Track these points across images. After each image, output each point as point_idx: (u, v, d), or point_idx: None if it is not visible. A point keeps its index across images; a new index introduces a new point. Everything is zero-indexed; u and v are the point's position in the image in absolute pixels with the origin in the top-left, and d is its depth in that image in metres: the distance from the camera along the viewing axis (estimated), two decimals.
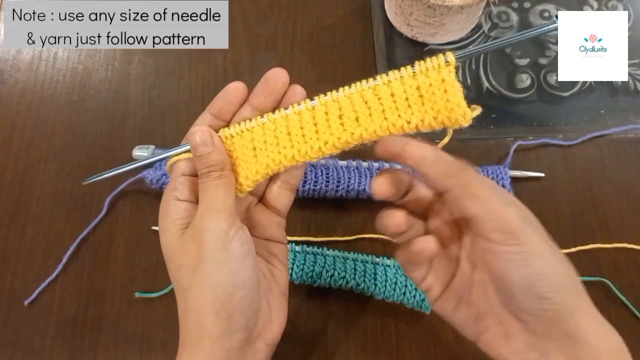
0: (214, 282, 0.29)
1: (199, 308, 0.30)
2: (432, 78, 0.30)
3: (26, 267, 0.51)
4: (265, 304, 0.33)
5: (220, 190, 0.31)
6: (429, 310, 0.47)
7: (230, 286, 0.29)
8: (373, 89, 0.31)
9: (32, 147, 0.56)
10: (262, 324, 0.32)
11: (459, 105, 0.29)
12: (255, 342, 0.32)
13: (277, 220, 0.36)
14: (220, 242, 0.29)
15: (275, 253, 0.35)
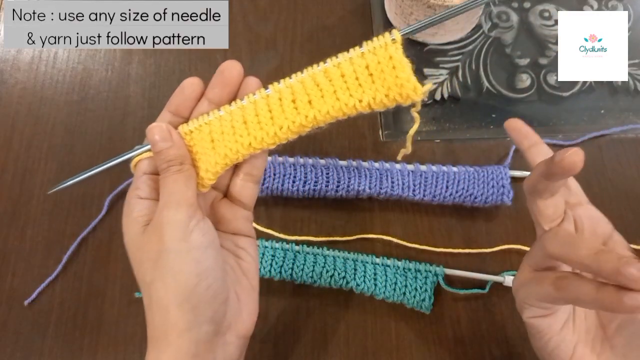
0: (176, 272, 0.29)
1: (163, 301, 0.29)
2: (380, 56, 0.31)
3: (26, 267, 0.51)
4: (233, 296, 0.32)
5: (179, 184, 0.31)
6: (429, 310, 0.47)
7: (193, 276, 0.29)
8: (324, 71, 0.32)
9: (32, 147, 0.56)
10: (232, 315, 0.32)
11: (409, 80, 0.30)
12: (225, 334, 0.31)
13: (243, 214, 0.36)
14: (180, 233, 0.29)
15: (242, 246, 0.35)
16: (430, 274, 0.47)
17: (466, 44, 0.60)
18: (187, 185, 0.31)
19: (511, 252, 0.50)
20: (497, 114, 0.56)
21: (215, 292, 0.30)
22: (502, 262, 0.49)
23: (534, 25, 0.61)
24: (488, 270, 0.48)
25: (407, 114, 0.57)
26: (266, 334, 0.47)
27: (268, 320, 0.48)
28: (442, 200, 0.50)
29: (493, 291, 0.48)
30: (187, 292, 0.29)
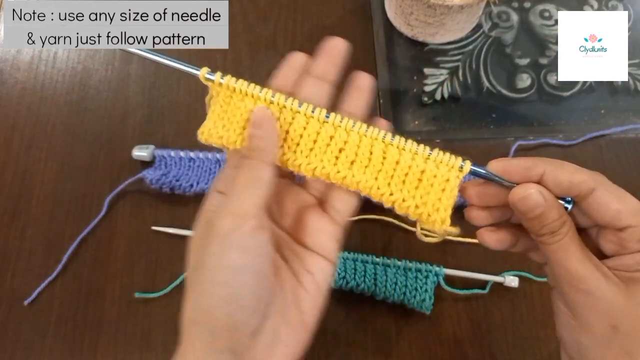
0: (202, 289, 0.26)
1: (187, 315, 0.27)
2: (440, 171, 0.29)
3: (26, 267, 0.51)
4: (269, 329, 0.27)
5: (245, 186, 0.27)
6: (429, 310, 0.47)
7: (216, 298, 0.25)
8: (386, 145, 0.29)
9: (32, 147, 0.56)
10: (260, 351, 0.26)
11: (445, 210, 0.29)
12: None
13: (329, 228, 0.30)
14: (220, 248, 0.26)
15: (310, 270, 0.29)
16: (431, 274, 0.47)
17: (466, 44, 0.60)
18: (248, 189, 0.27)
19: None
20: (497, 113, 0.56)
21: (241, 322, 0.26)
22: (503, 263, 0.49)
23: (534, 25, 0.61)
24: (488, 270, 0.48)
25: (408, 113, 0.57)
26: None
27: None
28: None
29: (493, 291, 0.48)
30: (207, 312, 0.26)
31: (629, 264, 0.27)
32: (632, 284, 0.26)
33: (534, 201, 0.27)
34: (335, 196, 0.31)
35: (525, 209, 0.27)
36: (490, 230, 0.31)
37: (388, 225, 0.51)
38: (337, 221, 0.31)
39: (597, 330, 0.26)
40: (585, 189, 0.27)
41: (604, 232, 0.28)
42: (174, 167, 0.52)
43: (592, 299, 0.26)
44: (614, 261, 0.27)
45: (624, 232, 0.27)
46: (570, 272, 0.27)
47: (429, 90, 0.57)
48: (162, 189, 0.51)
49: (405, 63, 0.59)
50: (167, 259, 0.51)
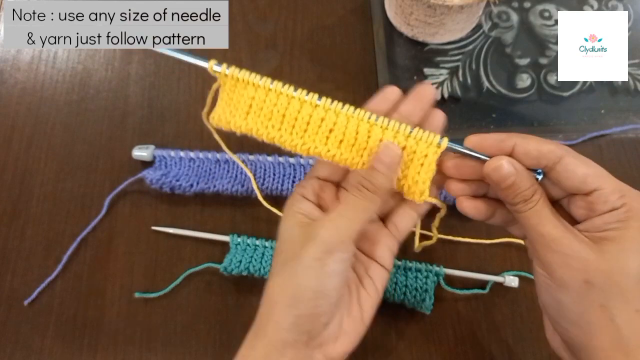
0: (298, 281, 0.31)
1: (275, 296, 0.32)
2: (419, 148, 0.32)
3: (26, 267, 0.51)
4: (337, 320, 0.32)
5: (358, 213, 0.32)
6: (429, 310, 0.47)
7: (310, 291, 0.31)
8: (370, 125, 0.32)
9: (32, 147, 0.56)
10: (327, 337, 0.32)
11: (424, 183, 0.32)
12: (314, 350, 0.32)
13: (389, 242, 0.36)
14: (321, 253, 0.31)
15: (371, 275, 0.35)
16: (431, 274, 0.47)
17: (466, 44, 0.60)
18: (362, 217, 0.32)
19: (511, 251, 0.50)
20: (497, 114, 0.56)
21: (321, 313, 0.31)
22: (503, 263, 0.49)
23: (534, 25, 0.61)
24: (488, 270, 0.48)
25: None
26: None
27: None
28: (442, 200, 0.50)
29: (493, 291, 0.48)
30: (298, 301, 0.31)
31: (598, 225, 0.29)
32: (602, 242, 0.28)
33: (506, 171, 0.29)
34: (398, 215, 0.36)
35: (498, 179, 0.30)
36: (468, 198, 0.34)
37: None
38: (395, 236, 0.36)
39: (572, 286, 0.28)
40: (553, 157, 0.30)
41: (573, 199, 0.31)
42: (174, 167, 0.52)
43: (565, 258, 0.28)
44: (585, 225, 0.30)
45: (591, 195, 0.29)
46: (543, 235, 0.29)
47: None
48: (162, 189, 0.51)
49: (405, 63, 0.59)
50: (167, 259, 0.51)
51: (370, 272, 0.35)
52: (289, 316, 0.31)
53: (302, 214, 0.33)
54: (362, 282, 0.34)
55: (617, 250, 0.28)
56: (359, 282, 0.34)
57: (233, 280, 0.49)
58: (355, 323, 0.33)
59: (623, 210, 0.28)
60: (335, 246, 0.31)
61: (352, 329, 0.33)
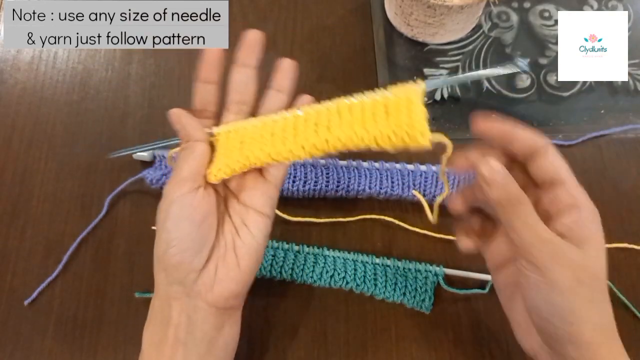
0: (156, 238, 0.34)
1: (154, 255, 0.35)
2: (400, 98, 0.33)
3: (26, 267, 0.51)
4: (211, 268, 0.35)
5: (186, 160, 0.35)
6: (429, 310, 0.47)
7: (163, 242, 0.33)
8: (349, 105, 0.34)
9: (32, 147, 0.56)
10: (202, 285, 0.34)
11: (420, 123, 0.31)
12: (194, 298, 0.34)
13: (264, 188, 0.37)
14: (165, 204, 0.34)
15: (247, 224, 0.36)
16: (430, 274, 0.47)
17: (466, 44, 0.60)
18: (187, 160, 0.35)
19: None
20: (497, 114, 0.56)
21: (180, 260, 0.33)
22: None
23: (534, 25, 0.61)
24: (488, 270, 0.48)
25: None
26: (266, 334, 0.47)
27: (268, 320, 0.48)
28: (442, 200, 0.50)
29: (493, 291, 0.48)
30: (157, 255, 0.34)
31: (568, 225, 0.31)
32: (577, 241, 0.30)
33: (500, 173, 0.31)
34: None
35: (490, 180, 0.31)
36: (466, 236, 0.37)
37: (388, 225, 0.51)
38: (272, 182, 0.36)
39: (564, 284, 0.30)
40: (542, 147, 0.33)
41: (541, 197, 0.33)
42: None
43: (557, 259, 0.30)
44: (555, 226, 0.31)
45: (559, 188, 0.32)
46: (540, 237, 0.30)
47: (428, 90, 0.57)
48: (162, 189, 0.51)
49: (405, 63, 0.59)
50: None
51: (246, 221, 0.36)
52: (160, 273, 0.34)
53: None
54: (238, 231, 0.36)
55: (594, 250, 0.30)
56: (235, 231, 0.36)
57: None
58: (230, 270, 0.35)
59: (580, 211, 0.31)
60: (170, 193, 0.34)
61: (227, 275, 0.35)
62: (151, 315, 0.36)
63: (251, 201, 0.36)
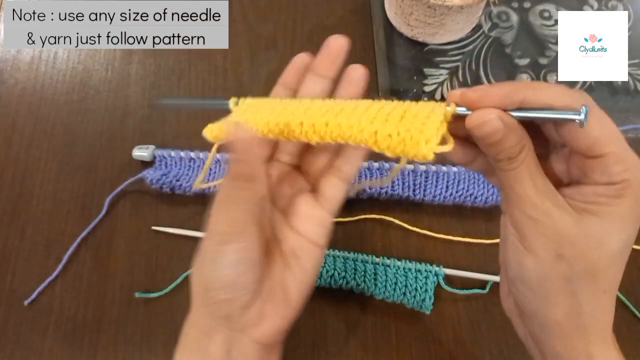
0: (203, 273, 0.30)
1: (194, 287, 0.31)
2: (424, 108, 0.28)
3: (26, 267, 0.51)
4: (258, 303, 0.30)
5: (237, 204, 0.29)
6: (429, 310, 0.47)
7: (216, 282, 0.30)
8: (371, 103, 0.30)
9: (32, 147, 0.56)
10: (248, 320, 0.30)
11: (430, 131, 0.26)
12: (239, 333, 0.31)
13: (319, 214, 0.32)
14: (215, 246, 0.29)
15: (299, 255, 0.31)
16: (431, 274, 0.47)
17: (466, 44, 0.60)
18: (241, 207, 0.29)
19: None
20: None
21: (233, 299, 0.30)
22: None
23: (534, 25, 0.61)
24: (488, 270, 0.48)
25: None
26: None
27: None
28: (442, 200, 0.50)
29: (493, 291, 0.48)
30: (208, 291, 0.30)
31: (586, 194, 0.26)
32: (584, 214, 0.26)
33: (493, 127, 0.25)
34: (323, 185, 0.33)
35: (482, 135, 0.26)
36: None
37: (388, 225, 0.51)
38: (326, 208, 0.32)
39: (542, 255, 0.26)
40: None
41: (572, 156, 0.28)
42: (174, 167, 0.52)
43: (541, 226, 0.26)
44: (571, 190, 0.27)
45: (593, 160, 0.26)
46: (522, 199, 0.26)
47: (429, 90, 0.57)
48: (162, 189, 0.52)
49: (405, 63, 0.59)
50: (167, 259, 0.51)
51: (299, 252, 0.32)
52: (205, 305, 0.31)
53: None
54: (288, 261, 0.32)
55: (599, 226, 0.26)
56: (284, 261, 0.32)
57: None
58: (277, 306, 0.31)
59: (620, 186, 0.26)
60: (228, 237, 0.29)
61: (274, 312, 0.31)
62: (185, 343, 0.32)
63: (305, 229, 0.32)
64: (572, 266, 0.26)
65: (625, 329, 0.46)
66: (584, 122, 0.25)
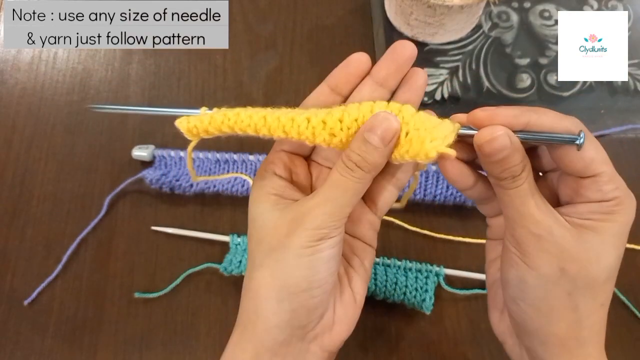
0: (289, 272, 0.28)
1: (262, 291, 0.28)
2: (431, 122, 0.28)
3: (26, 267, 0.51)
4: (330, 309, 0.30)
5: (347, 195, 0.28)
6: (429, 310, 0.47)
7: (305, 282, 0.28)
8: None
9: (32, 147, 0.56)
10: (321, 327, 0.29)
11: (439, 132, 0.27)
12: (310, 343, 0.29)
13: (371, 219, 0.33)
14: (311, 239, 0.27)
15: (359, 254, 0.32)
16: (431, 274, 0.47)
17: (466, 44, 0.60)
18: (353, 199, 0.28)
19: None
20: None
21: (318, 303, 0.28)
22: None
23: (534, 25, 0.61)
24: None
25: None
26: None
27: None
28: (443, 200, 0.50)
29: None
30: (291, 293, 0.28)
31: (581, 212, 0.27)
32: (582, 230, 0.27)
33: (501, 144, 0.26)
34: (376, 191, 0.33)
35: (490, 151, 0.26)
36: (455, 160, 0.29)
37: (388, 225, 0.51)
38: (376, 214, 0.33)
39: (545, 270, 0.27)
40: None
41: (563, 177, 0.29)
42: (174, 167, 0.52)
43: (544, 242, 0.27)
44: (567, 208, 0.28)
45: (587, 180, 0.27)
46: (524, 216, 0.27)
47: (429, 90, 0.57)
48: (162, 189, 0.52)
49: None
50: (167, 259, 0.51)
51: (357, 252, 0.32)
52: (281, 312, 0.28)
53: (275, 194, 0.30)
54: (351, 263, 0.32)
55: (597, 241, 0.27)
56: (348, 264, 0.32)
57: (233, 281, 0.49)
58: (348, 307, 0.30)
59: (613, 203, 0.27)
60: (327, 232, 0.28)
61: (346, 314, 0.30)
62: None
63: (360, 233, 0.32)
64: (575, 281, 0.27)
65: (625, 329, 0.46)
66: (582, 145, 0.26)
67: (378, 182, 0.32)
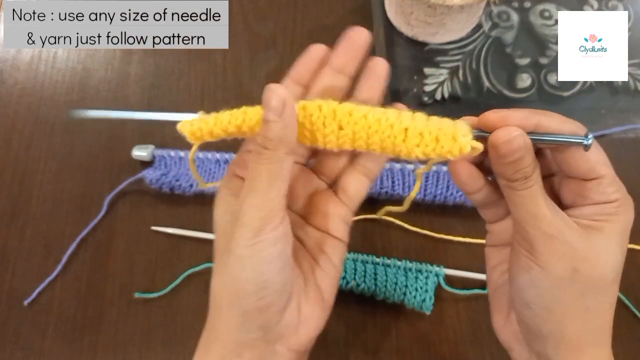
0: (234, 276, 0.27)
1: (217, 296, 0.29)
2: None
3: (26, 267, 0.51)
4: (294, 306, 0.29)
5: (269, 181, 0.27)
6: (429, 310, 0.47)
7: (250, 285, 0.27)
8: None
9: (31, 147, 0.56)
10: (285, 327, 0.29)
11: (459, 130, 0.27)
12: (275, 344, 0.29)
13: (341, 212, 0.32)
14: (247, 239, 0.27)
15: (326, 251, 0.31)
16: (431, 274, 0.47)
17: (466, 44, 0.60)
18: (274, 183, 0.27)
19: None
20: None
21: (269, 304, 0.28)
22: None
23: (535, 25, 0.61)
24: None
25: None
26: None
27: None
28: (443, 200, 0.50)
29: None
30: (240, 297, 0.28)
31: (586, 214, 0.28)
32: (589, 231, 0.27)
33: (518, 144, 0.26)
34: (346, 180, 0.32)
35: (507, 152, 0.26)
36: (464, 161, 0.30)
37: (388, 225, 0.51)
38: (347, 205, 0.32)
39: (558, 272, 0.27)
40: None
41: (567, 181, 0.29)
42: (174, 167, 0.52)
43: (557, 243, 0.27)
44: (573, 211, 0.28)
45: (590, 182, 0.28)
46: (537, 217, 0.27)
47: (429, 90, 0.57)
48: (162, 189, 0.51)
49: (405, 63, 0.59)
50: (167, 259, 0.51)
51: (325, 248, 0.31)
52: (235, 316, 0.28)
53: (232, 195, 0.29)
54: (317, 259, 0.31)
55: (604, 241, 0.27)
56: (313, 260, 0.31)
57: None
58: (315, 306, 0.30)
59: (616, 204, 0.27)
60: (262, 226, 0.26)
61: (313, 312, 0.30)
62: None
63: (328, 226, 0.31)
64: (587, 281, 0.27)
65: (625, 329, 0.46)
66: (590, 145, 0.27)
67: (346, 172, 0.32)
